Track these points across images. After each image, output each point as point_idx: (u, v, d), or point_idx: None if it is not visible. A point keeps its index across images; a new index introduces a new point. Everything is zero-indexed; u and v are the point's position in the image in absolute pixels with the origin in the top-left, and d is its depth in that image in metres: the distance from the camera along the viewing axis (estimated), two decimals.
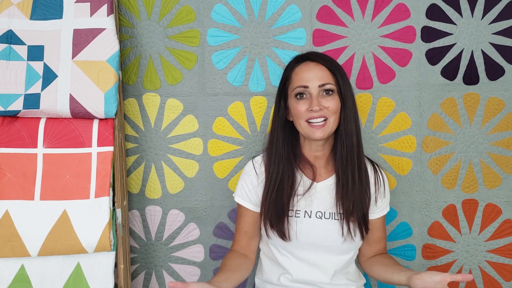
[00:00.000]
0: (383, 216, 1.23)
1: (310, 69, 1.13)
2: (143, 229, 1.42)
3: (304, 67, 1.14)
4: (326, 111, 1.10)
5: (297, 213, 1.14)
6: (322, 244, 1.14)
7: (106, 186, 1.19)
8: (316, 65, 1.13)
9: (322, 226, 1.14)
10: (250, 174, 1.21)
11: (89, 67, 1.21)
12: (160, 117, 1.40)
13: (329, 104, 1.10)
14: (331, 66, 1.13)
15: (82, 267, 1.20)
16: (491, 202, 1.43)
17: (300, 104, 1.12)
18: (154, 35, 1.38)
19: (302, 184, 1.16)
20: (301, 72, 1.14)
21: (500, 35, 1.40)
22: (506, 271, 1.45)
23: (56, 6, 1.25)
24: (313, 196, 1.15)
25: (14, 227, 1.14)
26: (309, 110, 1.10)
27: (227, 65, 1.39)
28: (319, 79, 1.11)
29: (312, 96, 1.11)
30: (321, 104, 1.09)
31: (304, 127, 1.12)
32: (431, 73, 1.40)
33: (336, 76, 1.11)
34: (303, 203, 1.15)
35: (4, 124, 1.21)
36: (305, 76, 1.12)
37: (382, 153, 1.42)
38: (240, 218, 1.24)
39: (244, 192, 1.21)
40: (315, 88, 1.10)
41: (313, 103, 1.09)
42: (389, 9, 1.39)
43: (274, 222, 1.13)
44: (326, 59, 1.14)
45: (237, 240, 1.24)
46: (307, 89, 1.11)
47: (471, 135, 1.42)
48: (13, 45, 1.21)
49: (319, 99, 1.10)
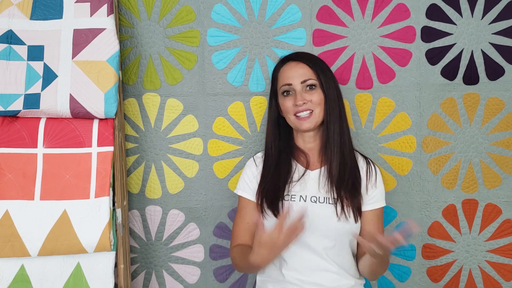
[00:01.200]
0: (378, 212, 1.22)
1: (292, 68, 1.24)
2: (143, 229, 1.42)
3: (287, 67, 1.25)
4: (311, 104, 1.20)
5: (292, 197, 1.20)
6: (318, 227, 1.16)
7: (106, 186, 1.19)
8: (297, 64, 1.24)
9: (317, 209, 1.18)
10: (251, 167, 1.28)
11: (89, 67, 1.21)
12: (160, 117, 1.40)
13: (312, 97, 1.21)
14: (311, 63, 1.23)
15: (82, 267, 1.20)
16: (491, 202, 1.43)
17: (287, 100, 1.23)
18: (154, 35, 1.38)
19: (297, 171, 1.24)
20: (284, 71, 1.25)
21: (500, 35, 1.40)
22: (506, 271, 1.45)
23: (56, 6, 1.25)
24: (307, 182, 1.22)
25: (14, 227, 1.15)
26: (294, 105, 1.21)
27: (227, 65, 1.39)
28: (301, 76, 1.22)
29: (296, 92, 1.21)
30: (305, 98, 1.20)
31: (293, 120, 1.23)
32: (431, 73, 1.40)
33: (317, 71, 1.22)
34: (297, 188, 1.21)
35: (4, 124, 1.21)
36: (288, 75, 1.23)
37: (382, 153, 1.42)
38: (242, 211, 1.26)
39: (245, 183, 1.26)
40: (298, 84, 1.21)
41: (297, 98, 1.20)
42: (389, 9, 1.39)
43: (270, 202, 1.19)
44: (307, 58, 1.25)
45: (238, 234, 1.25)
46: (291, 86, 1.22)
47: (471, 135, 1.42)
48: (13, 45, 1.21)
49: (302, 94, 1.21)
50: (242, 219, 1.25)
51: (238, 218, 1.27)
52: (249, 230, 1.24)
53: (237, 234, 1.25)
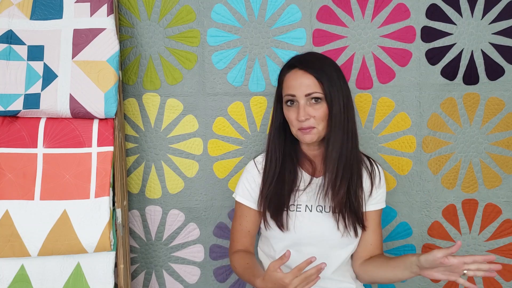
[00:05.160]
0: (378, 213, 1.22)
1: (297, 78, 1.15)
2: (143, 229, 1.42)
3: (292, 75, 1.17)
4: (313, 120, 1.14)
5: (298, 208, 1.17)
6: (323, 238, 1.15)
7: (106, 186, 1.19)
8: (303, 74, 1.15)
9: (322, 220, 1.16)
10: (253, 172, 1.23)
11: (89, 67, 1.21)
12: (160, 117, 1.40)
13: (316, 113, 1.13)
14: (318, 73, 1.14)
15: (82, 267, 1.20)
16: (491, 202, 1.43)
17: (290, 111, 1.17)
18: (154, 35, 1.38)
19: (302, 180, 1.20)
20: (289, 80, 1.17)
21: (500, 35, 1.40)
22: (506, 271, 1.45)
23: (56, 6, 1.25)
24: (314, 190, 1.18)
25: (14, 227, 1.15)
26: (297, 119, 1.14)
27: (227, 65, 1.39)
28: (306, 88, 1.13)
29: (300, 105, 1.14)
30: (308, 113, 1.13)
31: (295, 132, 1.18)
32: (431, 73, 1.40)
33: (324, 83, 1.13)
34: (304, 197, 1.18)
35: (4, 124, 1.21)
36: (292, 85, 1.16)
37: (382, 153, 1.42)
38: (241, 218, 1.24)
39: (246, 190, 1.23)
40: (301, 97, 1.14)
41: (299, 113, 1.13)
42: (389, 9, 1.39)
43: (273, 213, 1.16)
44: (314, 67, 1.15)
45: (238, 240, 1.24)
46: (294, 97, 1.15)
47: (471, 135, 1.42)
48: (13, 45, 1.21)
49: (306, 108, 1.13)
50: (242, 226, 1.23)
51: (238, 225, 1.24)
52: (249, 236, 1.23)
53: (236, 239, 1.24)
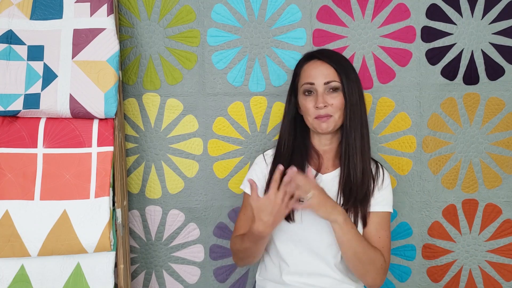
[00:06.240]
0: (380, 215, 1.19)
1: (316, 67, 1.19)
2: (143, 229, 1.42)
3: (311, 65, 1.20)
4: (331, 108, 1.16)
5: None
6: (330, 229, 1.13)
7: (106, 186, 1.19)
8: (322, 64, 1.19)
9: None
10: (261, 165, 1.25)
11: (89, 67, 1.21)
12: (160, 117, 1.40)
13: (334, 101, 1.16)
14: (337, 64, 1.18)
15: (82, 267, 1.20)
16: (491, 202, 1.43)
17: (308, 101, 1.19)
18: (154, 35, 1.38)
19: None
20: (308, 69, 1.20)
21: (500, 35, 1.40)
22: (506, 271, 1.45)
23: (56, 6, 1.25)
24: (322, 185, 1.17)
25: (14, 227, 1.14)
26: (315, 107, 1.17)
27: (227, 65, 1.39)
28: (325, 76, 1.17)
29: (318, 93, 1.17)
30: (326, 101, 1.16)
31: (312, 121, 1.19)
32: (431, 73, 1.40)
33: (341, 74, 1.17)
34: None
35: (4, 124, 1.21)
36: (311, 74, 1.19)
37: (382, 153, 1.42)
38: (247, 208, 1.24)
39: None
40: (320, 85, 1.17)
41: (318, 100, 1.16)
42: (389, 9, 1.39)
43: None
44: (332, 58, 1.20)
45: (242, 227, 1.23)
46: (313, 86, 1.18)
47: (471, 135, 1.42)
48: (13, 45, 1.21)
49: (324, 96, 1.17)
50: (247, 216, 1.24)
51: (243, 215, 1.25)
52: None
53: (240, 226, 1.24)
